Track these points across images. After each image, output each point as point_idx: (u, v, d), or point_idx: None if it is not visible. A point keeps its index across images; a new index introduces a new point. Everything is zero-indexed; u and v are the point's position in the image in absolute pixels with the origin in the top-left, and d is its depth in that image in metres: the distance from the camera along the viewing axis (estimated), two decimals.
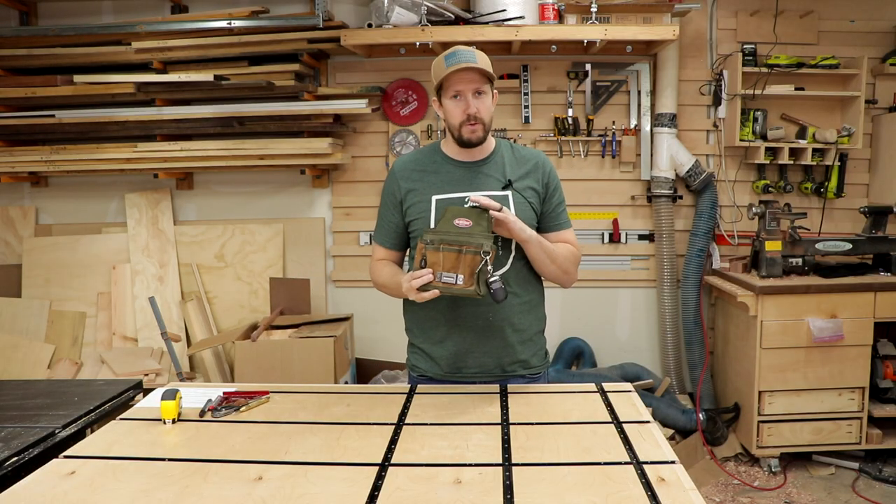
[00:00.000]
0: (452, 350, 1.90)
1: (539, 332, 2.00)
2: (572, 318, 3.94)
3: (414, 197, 1.90)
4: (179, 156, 3.58)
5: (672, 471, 1.35)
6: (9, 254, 3.96)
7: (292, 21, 3.45)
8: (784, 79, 3.64)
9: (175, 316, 3.77)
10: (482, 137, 1.86)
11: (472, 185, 1.88)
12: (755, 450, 3.40)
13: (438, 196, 1.88)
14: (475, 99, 1.83)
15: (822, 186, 3.75)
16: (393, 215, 1.95)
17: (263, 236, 3.89)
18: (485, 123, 1.85)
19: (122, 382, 2.33)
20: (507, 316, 1.88)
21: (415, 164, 1.96)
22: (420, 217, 1.89)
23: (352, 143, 3.86)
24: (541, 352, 2.01)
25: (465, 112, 1.83)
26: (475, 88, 1.82)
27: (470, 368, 1.91)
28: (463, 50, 1.83)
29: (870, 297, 3.30)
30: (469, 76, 1.82)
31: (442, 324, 1.89)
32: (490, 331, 1.88)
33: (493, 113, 1.89)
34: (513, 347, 1.91)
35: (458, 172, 1.91)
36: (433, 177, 1.91)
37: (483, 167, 1.91)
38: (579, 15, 3.44)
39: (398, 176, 1.95)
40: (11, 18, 3.86)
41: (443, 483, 1.32)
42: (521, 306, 1.91)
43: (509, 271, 1.87)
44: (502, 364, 1.91)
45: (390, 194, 1.96)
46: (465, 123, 1.84)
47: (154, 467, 1.40)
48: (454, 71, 1.80)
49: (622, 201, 3.87)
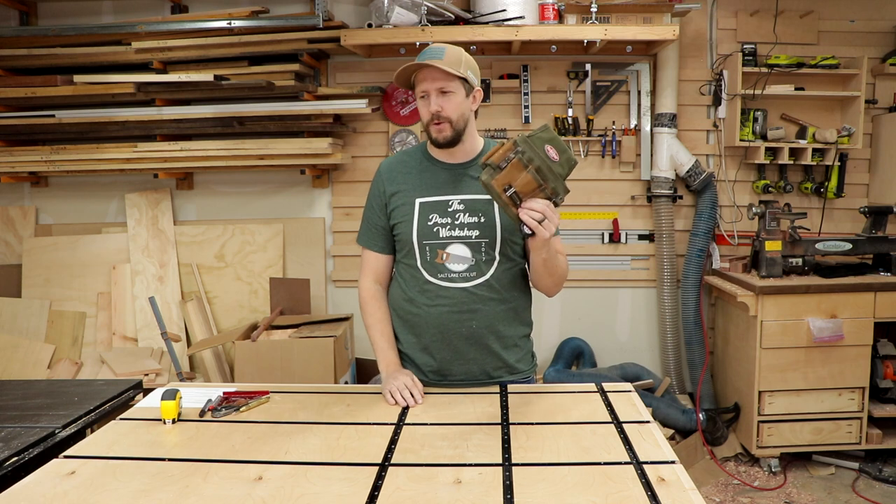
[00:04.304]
0: (437, 358, 1.88)
1: (524, 337, 1.97)
2: (572, 318, 3.94)
3: (398, 199, 1.88)
4: (179, 156, 3.58)
5: (672, 471, 1.35)
6: (9, 254, 3.96)
7: (292, 21, 3.45)
8: (784, 79, 3.64)
9: (175, 316, 3.77)
10: (449, 137, 1.80)
11: (454, 188, 1.85)
12: (755, 450, 3.40)
13: (422, 199, 1.85)
14: (440, 97, 1.77)
15: (822, 186, 3.75)
16: (379, 217, 1.92)
17: (263, 236, 3.89)
18: (452, 122, 1.78)
19: (122, 382, 2.33)
20: (490, 323, 1.85)
21: (400, 166, 1.92)
22: (404, 220, 1.86)
23: (352, 143, 3.86)
24: (527, 356, 1.98)
25: (429, 112, 1.78)
26: (439, 87, 1.76)
27: (455, 376, 1.89)
28: (434, 47, 1.79)
29: (870, 297, 3.30)
30: (432, 74, 1.76)
31: (425, 332, 1.87)
32: (473, 339, 1.86)
33: (465, 112, 1.81)
34: (497, 354, 1.89)
35: (443, 175, 1.87)
36: (417, 179, 1.88)
37: (469, 169, 1.88)
38: (579, 15, 3.44)
39: (384, 178, 1.92)
40: (11, 18, 3.86)
41: (443, 483, 1.32)
42: (506, 312, 1.88)
43: (493, 277, 1.84)
44: (487, 370, 1.90)
45: (376, 196, 1.93)
46: (430, 123, 1.79)
47: (154, 467, 1.40)
48: (418, 70, 1.76)
49: (622, 201, 3.87)
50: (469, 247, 1.83)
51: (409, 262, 1.89)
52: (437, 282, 1.84)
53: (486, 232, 1.83)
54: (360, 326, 3.80)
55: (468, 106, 1.83)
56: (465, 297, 1.83)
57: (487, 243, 1.83)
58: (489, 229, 1.83)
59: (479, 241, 1.83)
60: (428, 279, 1.85)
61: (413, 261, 1.87)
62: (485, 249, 1.83)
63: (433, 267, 1.84)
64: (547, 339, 3.94)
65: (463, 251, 1.83)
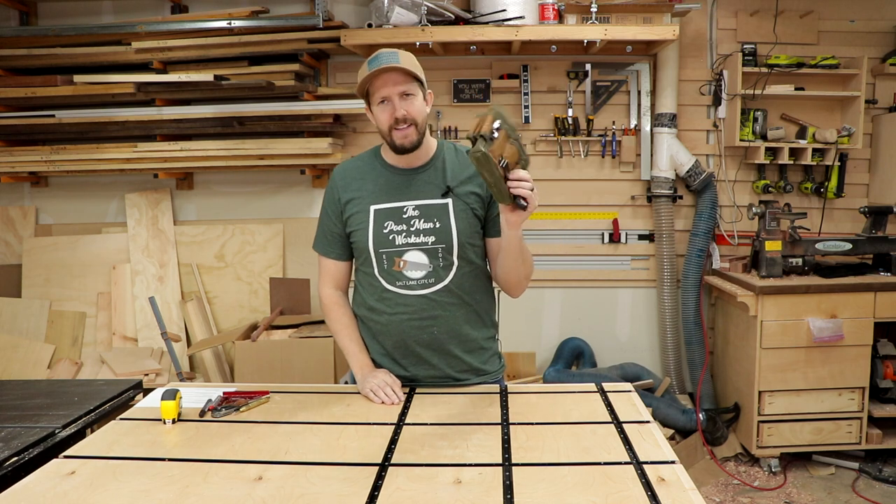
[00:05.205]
0: (401, 364, 1.87)
1: (489, 339, 1.94)
2: (572, 318, 3.93)
3: (353, 207, 1.84)
4: (179, 156, 3.58)
5: (672, 471, 1.35)
6: (9, 254, 3.96)
7: (292, 21, 3.45)
8: (784, 79, 3.64)
9: (175, 316, 3.77)
10: (415, 141, 1.77)
11: (408, 194, 1.81)
12: (755, 450, 3.40)
13: (377, 206, 1.82)
14: (402, 101, 1.74)
15: (822, 186, 3.75)
16: (335, 225, 1.88)
17: (263, 236, 3.89)
18: (417, 125, 1.75)
19: (122, 382, 2.33)
20: (452, 328, 1.83)
21: (354, 172, 1.89)
22: (360, 228, 1.82)
23: (352, 143, 3.86)
24: (493, 357, 1.95)
25: (392, 116, 1.74)
26: (401, 91, 1.73)
27: (422, 381, 1.88)
28: (385, 52, 1.75)
29: (870, 297, 3.30)
30: (393, 78, 1.73)
31: (387, 339, 1.86)
32: (435, 345, 1.84)
33: (425, 114, 1.79)
34: (460, 358, 1.87)
35: (396, 180, 1.83)
36: (371, 184, 1.85)
37: (422, 174, 1.83)
38: (579, 15, 3.44)
39: (338, 185, 1.88)
40: (11, 18, 3.86)
41: (443, 483, 1.32)
42: (469, 316, 1.86)
43: (452, 282, 1.81)
44: (453, 374, 1.88)
45: (331, 203, 1.88)
46: (393, 128, 1.74)
47: (154, 467, 1.40)
48: (376, 74, 1.72)
49: (622, 201, 3.87)
50: (426, 253, 1.79)
51: (366, 269, 1.86)
52: (395, 290, 1.81)
53: (442, 237, 1.79)
54: None
55: (426, 108, 1.80)
56: (425, 304, 1.81)
57: (444, 248, 1.79)
58: (445, 234, 1.79)
59: (435, 247, 1.79)
60: (386, 287, 1.82)
61: (371, 269, 1.84)
62: (442, 255, 1.79)
63: (391, 275, 1.81)
64: (547, 339, 3.93)
65: (420, 258, 1.79)
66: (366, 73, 1.74)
